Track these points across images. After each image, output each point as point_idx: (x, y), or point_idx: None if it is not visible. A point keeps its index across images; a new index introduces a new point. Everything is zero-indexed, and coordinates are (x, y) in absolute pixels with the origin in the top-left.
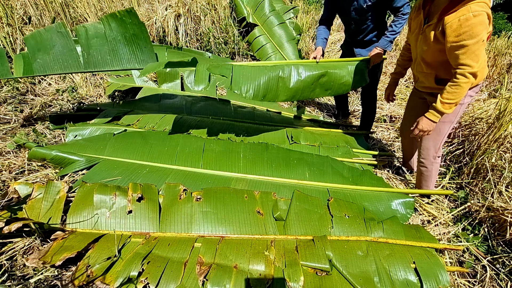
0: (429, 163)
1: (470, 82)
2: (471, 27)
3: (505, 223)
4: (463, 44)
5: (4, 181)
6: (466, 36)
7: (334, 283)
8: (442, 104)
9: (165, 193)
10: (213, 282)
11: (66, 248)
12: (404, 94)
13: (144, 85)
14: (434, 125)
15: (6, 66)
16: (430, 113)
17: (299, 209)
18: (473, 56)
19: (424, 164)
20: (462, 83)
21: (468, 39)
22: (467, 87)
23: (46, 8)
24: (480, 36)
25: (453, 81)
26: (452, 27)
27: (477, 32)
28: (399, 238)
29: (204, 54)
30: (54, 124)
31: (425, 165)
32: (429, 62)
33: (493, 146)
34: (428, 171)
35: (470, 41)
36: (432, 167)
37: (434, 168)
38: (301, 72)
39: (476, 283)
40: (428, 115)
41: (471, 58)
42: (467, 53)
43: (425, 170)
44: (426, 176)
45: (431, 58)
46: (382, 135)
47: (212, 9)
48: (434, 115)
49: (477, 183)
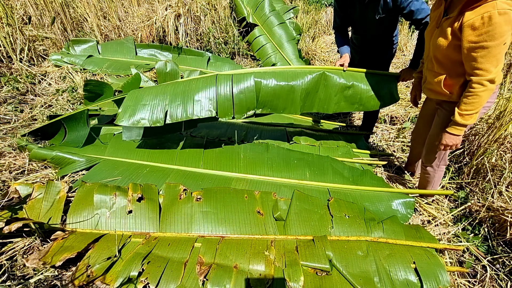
0: (432, 170)
1: (488, 89)
2: (495, 27)
3: (505, 223)
4: (484, 45)
5: (4, 181)
6: (488, 37)
7: (334, 283)
8: (462, 117)
9: (165, 193)
10: (213, 282)
11: (66, 249)
12: (404, 94)
13: (144, 85)
14: (459, 138)
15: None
16: (452, 128)
17: (299, 209)
18: (493, 60)
19: (427, 171)
20: (480, 92)
21: (490, 40)
22: (487, 95)
23: (46, 8)
24: (504, 38)
25: (469, 91)
26: (473, 25)
27: (502, 33)
28: (399, 238)
29: (204, 54)
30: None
31: (428, 172)
32: (441, 60)
33: (493, 146)
34: (430, 177)
35: (492, 43)
36: (435, 174)
37: (437, 175)
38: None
39: (476, 283)
40: (450, 130)
41: (490, 62)
42: (487, 56)
43: (428, 176)
44: (429, 182)
45: (444, 56)
46: (382, 135)
47: (212, 9)
48: (456, 129)
49: (477, 183)
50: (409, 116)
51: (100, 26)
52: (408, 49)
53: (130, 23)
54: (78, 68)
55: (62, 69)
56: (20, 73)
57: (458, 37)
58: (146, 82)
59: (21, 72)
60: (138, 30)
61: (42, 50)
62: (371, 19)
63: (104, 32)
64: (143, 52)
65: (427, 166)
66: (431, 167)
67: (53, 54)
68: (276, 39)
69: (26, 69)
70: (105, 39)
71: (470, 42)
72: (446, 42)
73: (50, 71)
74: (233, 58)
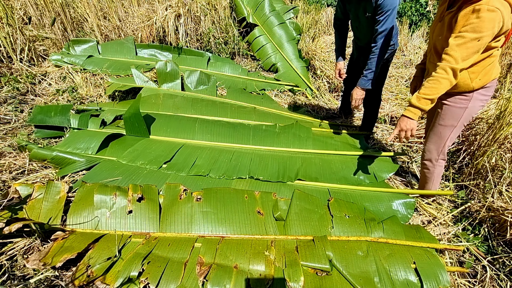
0: (431, 165)
1: (448, 79)
2: (479, 20)
3: (505, 223)
4: (463, 35)
5: (5, 181)
6: (470, 28)
7: (334, 283)
8: (418, 100)
9: (165, 193)
10: (213, 282)
11: (66, 249)
12: (404, 94)
13: (145, 85)
14: (413, 123)
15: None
16: (407, 110)
17: (299, 209)
18: (463, 51)
19: (426, 166)
20: (440, 78)
21: (471, 32)
22: (446, 85)
23: (46, 8)
24: (483, 34)
25: (432, 75)
26: (464, 16)
27: (482, 29)
28: (400, 238)
29: (204, 54)
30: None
31: (427, 167)
32: (441, 52)
33: (493, 146)
34: (430, 173)
35: (471, 35)
36: (435, 169)
37: (436, 171)
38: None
39: (476, 283)
40: (406, 112)
41: (461, 52)
42: (460, 46)
43: (428, 172)
44: (428, 178)
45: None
46: (383, 136)
47: (212, 9)
48: (410, 111)
49: (477, 183)
50: None
51: (100, 26)
52: (408, 49)
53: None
54: (78, 68)
55: (62, 69)
56: (20, 73)
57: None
58: (146, 82)
59: (21, 72)
60: (138, 30)
61: (42, 50)
62: (362, 17)
63: (104, 32)
64: (143, 52)
65: (425, 160)
66: (430, 161)
67: (53, 54)
68: (276, 39)
69: (26, 69)
70: (105, 39)
71: (456, 31)
72: (444, 34)
73: (50, 71)
74: (233, 58)
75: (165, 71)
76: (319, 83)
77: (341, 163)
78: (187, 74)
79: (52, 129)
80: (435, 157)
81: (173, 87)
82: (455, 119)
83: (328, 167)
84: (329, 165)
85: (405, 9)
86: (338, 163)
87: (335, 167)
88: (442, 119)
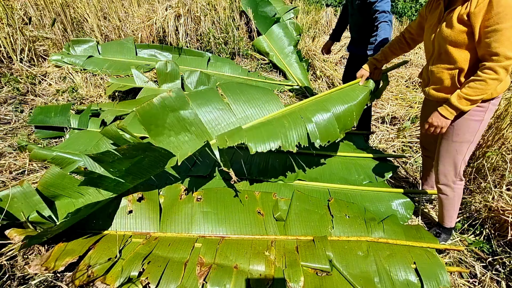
0: (449, 189)
1: (498, 79)
2: (505, 7)
3: (505, 223)
4: (496, 28)
5: (4, 182)
6: (499, 19)
7: (335, 284)
8: (459, 99)
9: (166, 194)
10: (213, 282)
11: (67, 252)
12: (404, 94)
13: (145, 86)
14: (446, 122)
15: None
16: (443, 108)
17: (300, 210)
18: (507, 43)
19: (443, 191)
20: (489, 78)
21: (501, 22)
22: (494, 85)
23: (46, 8)
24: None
25: (479, 75)
26: (482, 9)
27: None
28: (400, 238)
29: (204, 55)
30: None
31: (444, 192)
32: (451, 52)
33: (493, 146)
34: (449, 199)
35: (504, 25)
36: (454, 193)
37: (456, 194)
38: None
39: (476, 283)
40: (441, 110)
41: (506, 46)
42: (500, 40)
43: (445, 197)
44: (447, 205)
45: (454, 46)
46: (382, 136)
47: (212, 9)
48: (447, 109)
49: (477, 183)
50: (409, 116)
51: (100, 26)
52: None
53: (130, 23)
54: (79, 69)
55: (62, 69)
56: (21, 74)
57: (466, 23)
58: (146, 82)
59: (21, 73)
60: (138, 31)
61: (43, 51)
62: (353, 4)
63: (104, 33)
64: (143, 52)
65: (441, 185)
66: (447, 185)
67: (53, 54)
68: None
69: (27, 70)
70: (105, 39)
71: (482, 28)
72: (453, 31)
73: (50, 72)
74: (233, 58)
75: (165, 71)
76: (319, 83)
77: (341, 163)
78: (187, 75)
79: (52, 129)
80: (453, 179)
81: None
82: (471, 133)
83: (328, 167)
84: (329, 165)
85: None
86: (338, 164)
87: (335, 167)
88: (457, 134)
